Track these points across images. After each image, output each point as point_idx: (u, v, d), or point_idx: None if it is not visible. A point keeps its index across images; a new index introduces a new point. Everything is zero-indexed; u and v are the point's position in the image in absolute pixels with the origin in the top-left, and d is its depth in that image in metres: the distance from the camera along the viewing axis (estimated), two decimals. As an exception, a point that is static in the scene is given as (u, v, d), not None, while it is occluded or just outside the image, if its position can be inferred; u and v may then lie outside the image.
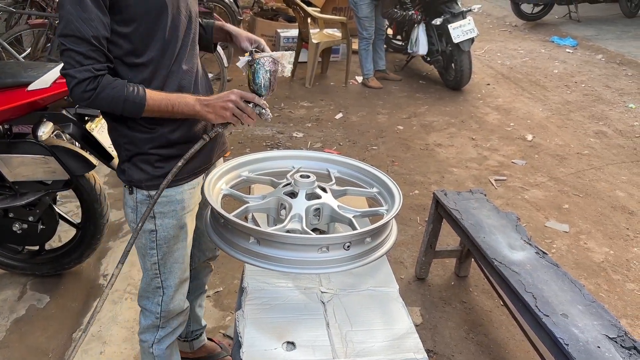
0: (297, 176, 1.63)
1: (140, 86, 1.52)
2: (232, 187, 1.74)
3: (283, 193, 1.61)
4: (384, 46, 6.74)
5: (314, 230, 1.59)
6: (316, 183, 1.64)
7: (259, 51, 1.58)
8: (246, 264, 1.54)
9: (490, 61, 7.71)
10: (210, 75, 5.48)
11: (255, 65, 1.54)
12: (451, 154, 4.85)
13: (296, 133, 5.13)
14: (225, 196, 1.71)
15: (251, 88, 1.59)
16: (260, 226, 1.68)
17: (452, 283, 3.19)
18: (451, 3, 6.11)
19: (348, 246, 1.40)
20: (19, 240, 2.88)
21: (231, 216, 1.45)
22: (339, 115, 5.64)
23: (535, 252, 2.42)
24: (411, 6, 6.35)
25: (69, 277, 3.10)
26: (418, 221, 3.76)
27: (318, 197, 1.59)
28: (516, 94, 6.41)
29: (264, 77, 1.53)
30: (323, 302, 1.53)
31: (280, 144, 4.86)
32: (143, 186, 1.67)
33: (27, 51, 5.32)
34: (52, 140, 2.61)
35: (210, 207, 1.62)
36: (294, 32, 7.15)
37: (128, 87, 1.50)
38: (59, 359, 2.55)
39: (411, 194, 4.12)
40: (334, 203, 1.60)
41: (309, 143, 4.93)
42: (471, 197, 2.92)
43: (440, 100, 6.15)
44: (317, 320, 1.46)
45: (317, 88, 6.43)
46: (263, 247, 1.41)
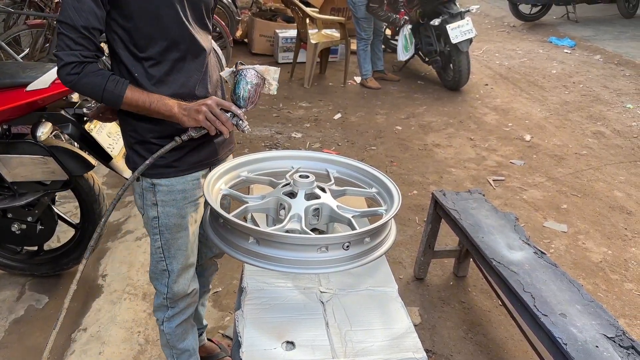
0: (296, 176, 1.62)
1: (125, 81, 1.58)
2: (232, 187, 1.73)
3: (282, 193, 1.60)
4: (382, 47, 6.74)
5: (313, 230, 1.59)
6: (315, 183, 1.63)
7: (244, 64, 1.60)
8: (245, 264, 1.54)
9: (488, 62, 7.72)
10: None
11: (237, 76, 1.57)
12: (449, 154, 4.84)
13: (295, 133, 5.11)
14: (224, 196, 1.71)
15: (231, 98, 1.61)
16: (259, 226, 1.68)
17: (451, 283, 3.19)
18: (449, 3, 6.11)
19: (347, 246, 1.39)
20: (18, 240, 2.87)
21: (230, 216, 1.44)
22: (338, 115, 5.63)
23: (533, 252, 2.41)
24: (403, 6, 6.33)
25: (68, 278, 3.09)
26: (417, 221, 3.76)
27: (317, 197, 1.58)
28: (514, 95, 6.41)
29: (244, 89, 1.55)
30: (322, 302, 1.53)
31: (279, 144, 4.84)
32: (146, 174, 1.72)
33: (26, 51, 5.30)
34: (51, 140, 2.61)
35: (209, 207, 1.60)
36: (293, 33, 7.15)
37: (110, 79, 1.56)
38: (58, 359, 2.54)
39: (410, 194, 4.11)
40: (333, 203, 1.59)
41: (308, 143, 4.92)
42: (470, 197, 2.91)
43: (438, 100, 6.13)
44: (317, 320, 1.46)
45: (316, 88, 6.42)
46: (262, 247, 1.40)
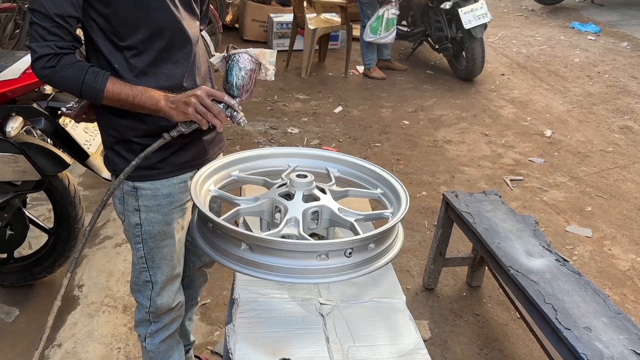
0: (293, 176, 1.62)
1: (105, 73, 1.57)
2: (222, 188, 1.72)
3: (277, 194, 1.60)
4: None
5: (312, 235, 1.59)
6: (314, 183, 1.63)
7: (237, 48, 1.58)
8: (237, 273, 1.54)
9: (504, 49, 7.72)
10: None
11: (229, 62, 1.55)
12: (462, 152, 4.84)
13: (291, 128, 5.10)
14: (213, 198, 1.70)
15: (224, 87, 1.59)
16: (252, 231, 1.68)
17: (464, 294, 3.19)
18: (461, -16, 6.12)
19: (350, 253, 1.39)
20: (-15, 247, 2.84)
21: (220, 220, 1.44)
22: (339, 108, 5.62)
23: (555, 260, 2.41)
24: None
25: (41, 288, 3.08)
26: (426, 225, 3.76)
27: (316, 199, 1.58)
28: (533, 86, 6.41)
29: (237, 76, 1.53)
30: (322, 315, 1.53)
31: (273, 141, 4.84)
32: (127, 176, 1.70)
33: (-7, 38, 5.28)
34: (22, 136, 2.60)
35: (197, 211, 1.60)
36: (289, 17, 7.13)
37: (88, 71, 1.55)
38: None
39: (418, 196, 4.12)
40: (334, 205, 1.59)
41: (306, 139, 4.92)
42: (484, 199, 2.91)
43: (449, 92, 6.13)
44: (316, 334, 1.46)
45: (314, 79, 6.42)
46: (256, 255, 1.40)
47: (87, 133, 2.73)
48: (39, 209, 3.71)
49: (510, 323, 2.96)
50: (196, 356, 2.54)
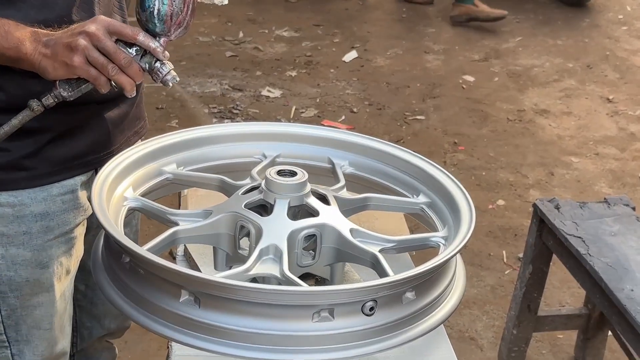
0: (272, 173, 1.39)
1: None
2: (146, 195, 1.47)
3: (244, 206, 1.37)
4: None
5: (306, 277, 1.37)
6: (309, 186, 1.40)
7: None
8: (173, 344, 1.29)
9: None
10: None
11: None
12: (567, 130, 4.04)
13: (269, 89, 4.29)
14: (131, 211, 1.46)
15: (138, 18, 1.34)
16: (200, 270, 1.45)
17: (571, 379, 2.68)
18: None
19: (371, 309, 1.19)
20: None
21: (145, 251, 1.22)
22: (352, 55, 4.72)
23: None
24: None
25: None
26: (504, 259, 3.16)
27: (313, 214, 1.37)
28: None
29: None
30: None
31: (237, 111, 4.07)
32: None
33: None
34: None
35: (102, 234, 1.40)
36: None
37: None
38: None
39: (491, 207, 3.47)
40: (344, 225, 1.36)
41: (294, 109, 4.12)
42: (607, 213, 2.47)
43: (545, 25, 5.18)
44: None
45: (309, 2, 5.39)
46: (206, 312, 1.18)
47: None
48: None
49: None
50: None
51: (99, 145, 1.56)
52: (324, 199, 1.41)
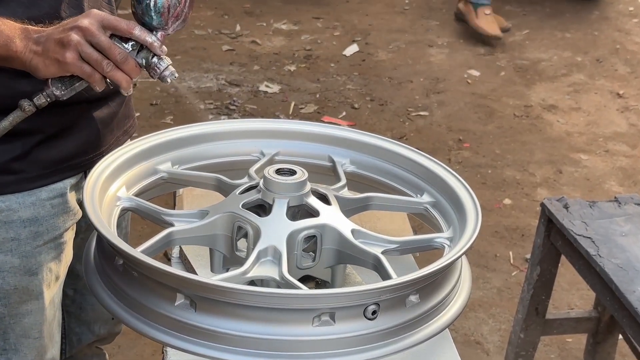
0: (271, 172, 1.38)
1: None
2: (140, 195, 1.46)
3: (242, 206, 1.36)
4: None
5: (306, 279, 1.36)
6: (309, 185, 1.39)
7: None
8: (168, 349, 1.29)
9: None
10: None
11: None
12: (576, 126, 4.02)
13: (267, 84, 4.35)
14: (125, 211, 1.45)
15: (134, 12, 1.32)
16: (196, 272, 1.45)
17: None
18: None
19: (374, 312, 1.19)
20: None
21: (139, 253, 1.21)
22: (353, 48, 4.69)
23: None
24: None
25: None
26: (511, 260, 3.18)
27: (313, 214, 1.37)
28: None
29: None
30: None
31: (234, 107, 4.21)
32: None
33: None
34: None
35: (94, 236, 1.39)
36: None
37: None
38: None
39: (497, 207, 3.52)
40: (345, 225, 1.36)
41: (293, 105, 4.11)
42: (617, 212, 2.45)
43: (553, 17, 5.25)
44: None
45: None
46: (202, 316, 1.18)
47: None
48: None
49: None
50: None
51: (89, 146, 1.55)
52: (325, 199, 1.40)
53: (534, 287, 2.52)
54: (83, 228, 1.61)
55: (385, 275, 1.25)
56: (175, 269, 1.22)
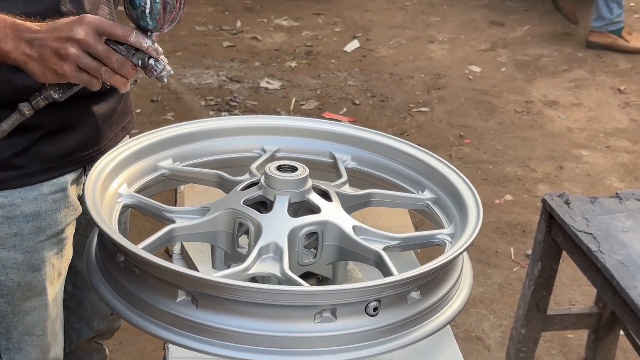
0: (272, 168, 1.40)
1: None
2: (141, 191, 1.47)
3: (243, 202, 1.38)
4: None
5: (307, 276, 1.38)
6: (310, 182, 1.41)
7: None
8: (170, 346, 1.30)
9: None
10: None
11: None
12: (577, 122, 4.03)
13: (267, 80, 4.32)
14: (126, 208, 1.46)
15: (128, 13, 1.31)
16: (197, 269, 1.45)
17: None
18: None
19: (375, 309, 1.20)
20: None
21: (140, 249, 1.23)
22: (353, 44, 4.74)
23: None
24: None
25: None
26: (512, 257, 3.16)
27: (314, 211, 1.38)
28: None
29: None
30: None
31: (234, 103, 4.08)
32: None
33: None
34: None
35: (96, 232, 1.40)
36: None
37: None
38: None
39: (498, 202, 3.46)
40: (346, 222, 1.37)
41: (294, 101, 4.15)
42: (618, 208, 2.47)
43: (553, 14, 5.16)
44: None
45: None
46: (204, 312, 1.19)
47: None
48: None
49: None
50: None
51: (89, 141, 1.55)
52: (326, 195, 1.40)
53: (535, 283, 2.55)
54: (83, 224, 1.62)
55: (386, 271, 1.27)
56: (176, 266, 1.24)
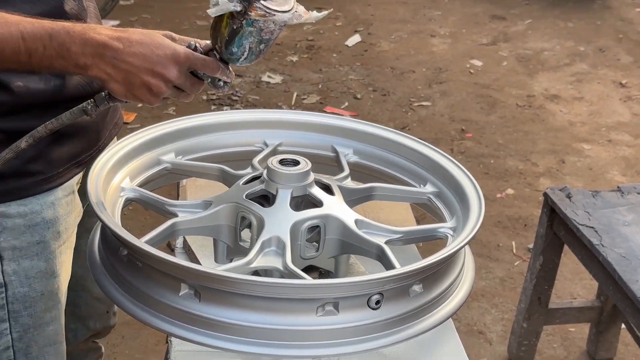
0: (274, 162, 1.41)
1: None
2: (144, 185, 1.48)
3: (246, 196, 1.39)
4: None
5: (310, 269, 1.39)
6: (312, 176, 1.42)
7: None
8: (172, 339, 1.31)
9: None
10: None
11: (244, 25, 1.30)
12: (578, 116, 4.03)
13: (269, 75, 4.33)
14: (129, 202, 1.46)
15: (217, 49, 1.34)
16: (200, 262, 1.48)
17: (583, 374, 2.69)
18: None
19: (377, 302, 1.21)
20: None
21: (143, 243, 1.23)
22: (354, 38, 4.76)
23: None
24: None
25: None
26: (514, 250, 3.15)
27: (316, 205, 1.39)
28: None
29: (249, 48, 1.33)
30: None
31: (236, 98, 4.09)
32: None
33: None
34: None
35: (98, 226, 1.42)
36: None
37: None
38: None
39: (500, 196, 3.46)
40: (349, 216, 1.39)
41: (295, 95, 4.17)
42: (620, 202, 2.46)
43: (555, 7, 5.16)
44: None
45: None
46: (207, 306, 1.20)
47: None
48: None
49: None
50: None
51: (90, 141, 1.55)
52: (328, 189, 1.41)
53: (537, 277, 2.57)
54: (83, 222, 1.61)
55: (388, 265, 1.27)
56: (179, 260, 1.24)
